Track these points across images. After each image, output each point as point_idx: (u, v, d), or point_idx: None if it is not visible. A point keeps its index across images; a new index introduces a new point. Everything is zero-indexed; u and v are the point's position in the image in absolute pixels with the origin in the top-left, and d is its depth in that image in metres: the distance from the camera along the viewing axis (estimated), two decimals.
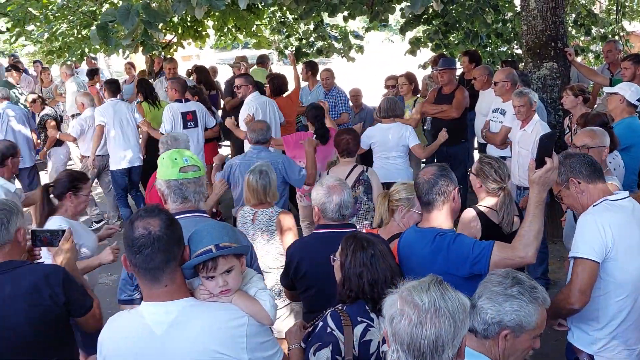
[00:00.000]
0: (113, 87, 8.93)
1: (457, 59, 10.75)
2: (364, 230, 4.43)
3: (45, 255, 3.73)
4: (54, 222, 4.25)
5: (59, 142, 9.72)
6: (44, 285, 3.05)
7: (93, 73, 12.41)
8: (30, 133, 9.28)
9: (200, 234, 2.49)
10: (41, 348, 3.10)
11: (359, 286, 2.95)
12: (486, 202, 4.21)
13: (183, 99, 8.25)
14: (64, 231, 3.55)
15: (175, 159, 3.15)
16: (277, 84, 8.58)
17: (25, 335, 3.04)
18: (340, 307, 2.97)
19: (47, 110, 10.02)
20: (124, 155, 8.54)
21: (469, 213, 4.18)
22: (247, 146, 7.04)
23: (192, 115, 8.21)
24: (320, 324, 2.95)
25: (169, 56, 12.14)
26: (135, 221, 2.38)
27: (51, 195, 4.37)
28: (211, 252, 2.41)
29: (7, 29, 12.22)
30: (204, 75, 10.90)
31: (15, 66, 13.37)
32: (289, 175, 5.78)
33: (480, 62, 9.29)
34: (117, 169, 8.58)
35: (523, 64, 8.28)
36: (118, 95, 9.00)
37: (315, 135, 6.65)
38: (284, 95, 8.82)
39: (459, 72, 9.65)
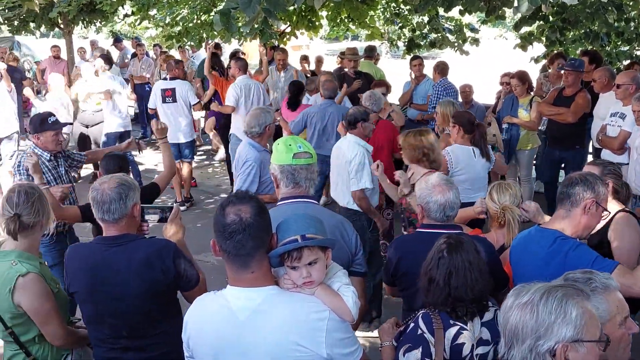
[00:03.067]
0: (108, 60, 10.82)
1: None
2: None
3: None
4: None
5: None
6: (156, 258, 3.16)
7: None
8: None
9: (287, 223, 2.49)
10: (151, 318, 3.23)
11: (438, 297, 2.92)
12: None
13: (168, 77, 9.50)
14: (171, 207, 3.65)
15: (290, 145, 3.18)
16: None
17: (136, 306, 3.17)
18: (432, 309, 2.94)
19: None
20: (116, 121, 10.11)
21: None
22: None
23: (170, 92, 9.28)
24: (412, 324, 2.93)
25: (281, 46, 12.30)
26: (226, 207, 2.39)
27: None
28: (296, 242, 2.40)
29: (132, 13, 12.80)
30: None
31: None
32: None
33: (601, 63, 8.83)
34: (110, 132, 10.07)
35: None
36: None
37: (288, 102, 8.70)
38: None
39: None
